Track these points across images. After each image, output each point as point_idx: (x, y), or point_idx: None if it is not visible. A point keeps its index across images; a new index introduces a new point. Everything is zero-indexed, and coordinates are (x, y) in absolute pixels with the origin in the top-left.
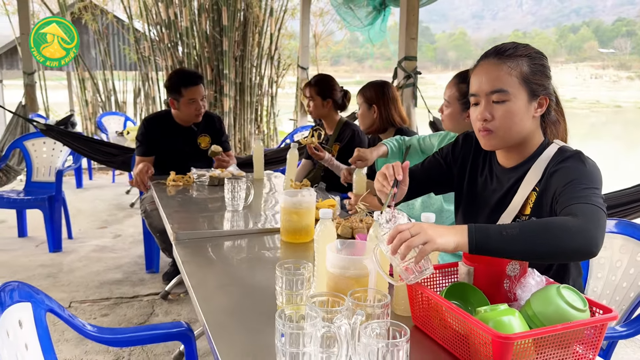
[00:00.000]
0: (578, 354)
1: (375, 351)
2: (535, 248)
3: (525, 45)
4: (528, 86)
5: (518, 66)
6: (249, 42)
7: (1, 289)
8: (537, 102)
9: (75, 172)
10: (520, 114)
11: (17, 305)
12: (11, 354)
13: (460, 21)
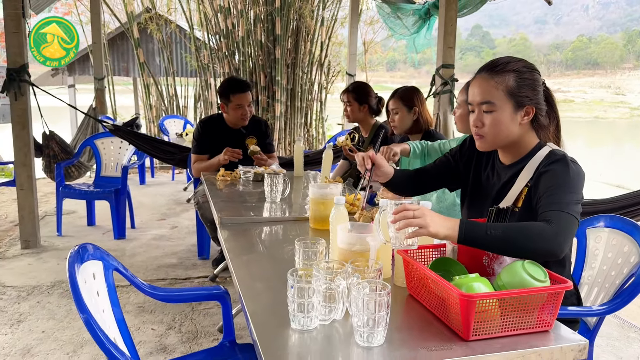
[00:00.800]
0: (539, 319)
1: (361, 300)
2: (512, 248)
3: (517, 60)
4: (514, 98)
5: (505, 81)
6: (301, 50)
7: (80, 247)
8: (523, 111)
9: (139, 169)
10: (506, 122)
11: (91, 262)
12: (87, 296)
13: (521, 26)
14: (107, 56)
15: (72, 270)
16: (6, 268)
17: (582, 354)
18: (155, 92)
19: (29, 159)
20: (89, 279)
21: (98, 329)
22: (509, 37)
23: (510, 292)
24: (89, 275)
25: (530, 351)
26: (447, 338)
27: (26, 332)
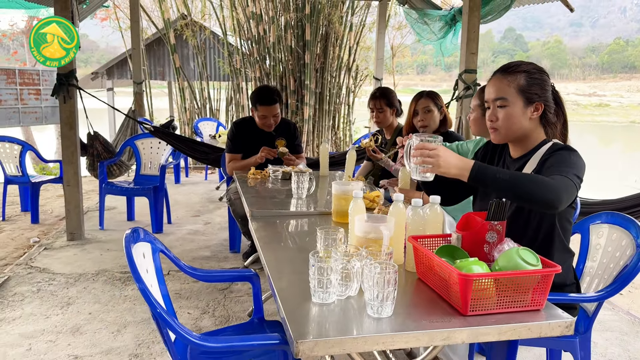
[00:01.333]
0: (532, 299)
1: (372, 277)
2: (517, 190)
3: (528, 63)
4: (524, 95)
5: (516, 80)
6: (329, 54)
7: (133, 230)
8: (533, 107)
9: (174, 170)
10: (517, 116)
11: (141, 243)
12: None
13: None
14: (145, 61)
15: (128, 248)
16: (54, 258)
17: (569, 330)
18: (190, 95)
19: (75, 157)
20: (139, 257)
21: (151, 297)
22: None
23: (502, 273)
24: (140, 255)
25: (520, 325)
26: (448, 313)
27: (75, 314)
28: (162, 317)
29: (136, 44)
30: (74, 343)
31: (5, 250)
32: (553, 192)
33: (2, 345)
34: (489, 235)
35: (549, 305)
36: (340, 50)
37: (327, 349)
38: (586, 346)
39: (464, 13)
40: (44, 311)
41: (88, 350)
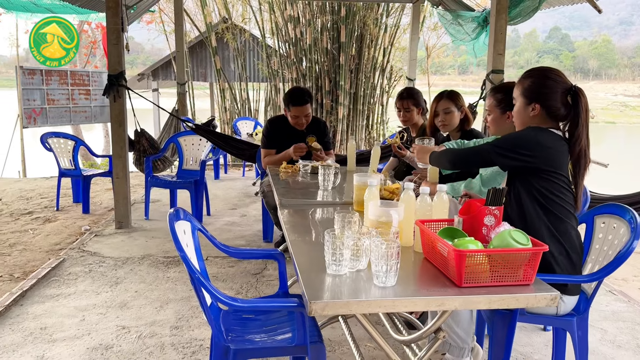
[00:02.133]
0: (523, 275)
1: (378, 251)
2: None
3: (538, 71)
4: (525, 97)
5: (522, 84)
6: (364, 56)
7: (176, 210)
8: (531, 107)
9: (214, 166)
10: (520, 112)
11: (182, 221)
12: (183, 244)
13: (604, 27)
14: (187, 63)
15: (171, 222)
16: (104, 243)
17: (554, 302)
18: (230, 96)
19: (124, 152)
20: (180, 233)
21: (190, 262)
22: (590, 40)
23: (493, 250)
24: (181, 231)
25: (509, 296)
26: (446, 285)
27: (122, 291)
28: (199, 279)
29: (180, 47)
30: (121, 316)
31: (60, 236)
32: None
33: (60, 315)
34: (487, 219)
35: (538, 281)
36: (374, 51)
37: (336, 309)
38: (583, 326)
39: (491, 15)
40: (95, 288)
41: (134, 322)
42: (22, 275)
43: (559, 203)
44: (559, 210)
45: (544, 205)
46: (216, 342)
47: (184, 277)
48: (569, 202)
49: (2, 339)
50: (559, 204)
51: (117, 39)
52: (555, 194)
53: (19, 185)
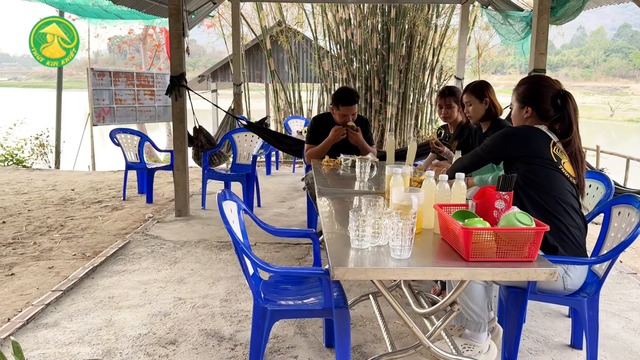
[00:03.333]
0: (526, 251)
1: (394, 227)
2: None
3: (530, 79)
4: (519, 101)
5: (517, 91)
6: (414, 56)
7: (224, 191)
8: (524, 109)
9: (265, 162)
10: (516, 115)
11: (229, 201)
12: (231, 222)
13: None
14: (244, 65)
15: (220, 200)
16: (165, 229)
17: (553, 276)
18: (283, 96)
19: (184, 147)
20: (227, 211)
21: (234, 234)
22: None
23: (496, 228)
24: (228, 210)
25: (511, 270)
26: (455, 259)
27: (180, 269)
28: (242, 248)
29: (236, 50)
30: (178, 289)
31: (126, 222)
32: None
33: (125, 287)
34: (497, 203)
35: (541, 259)
36: (424, 51)
37: (355, 275)
38: (594, 306)
39: (533, 15)
40: (156, 266)
41: (189, 295)
42: (93, 254)
43: (542, 183)
44: (547, 189)
45: (531, 187)
46: (256, 304)
47: (234, 259)
48: (560, 184)
49: (77, 304)
50: (543, 184)
51: (179, 43)
52: (540, 175)
53: (89, 177)
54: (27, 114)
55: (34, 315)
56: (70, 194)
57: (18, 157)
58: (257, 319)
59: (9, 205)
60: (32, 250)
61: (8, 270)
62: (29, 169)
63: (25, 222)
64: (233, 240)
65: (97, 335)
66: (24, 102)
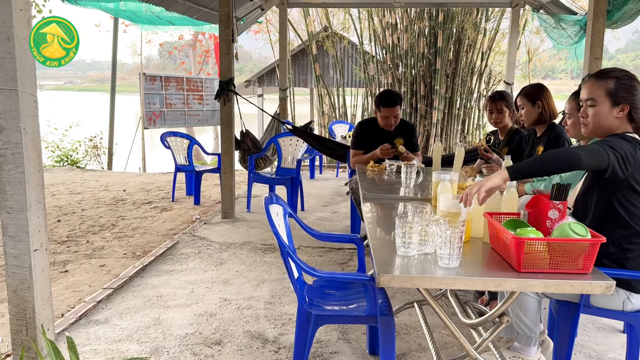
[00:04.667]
0: (581, 263)
1: (442, 235)
2: (546, 167)
3: (620, 70)
4: (611, 97)
5: (606, 84)
6: (461, 60)
7: (271, 195)
8: (619, 107)
9: (310, 166)
10: (604, 114)
11: (275, 205)
12: (276, 223)
13: None
14: (289, 70)
15: (267, 204)
16: (211, 230)
17: (609, 290)
18: (328, 101)
19: (231, 150)
20: (274, 215)
21: (280, 237)
22: None
23: (549, 238)
24: (274, 213)
25: (564, 282)
26: (505, 269)
27: (225, 271)
28: (287, 251)
29: (283, 55)
30: (224, 290)
31: (174, 223)
32: (572, 156)
33: (173, 287)
34: (551, 213)
35: (597, 272)
36: (472, 55)
37: (401, 283)
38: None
39: (588, 19)
40: (203, 267)
41: (234, 296)
42: (142, 253)
43: (622, 198)
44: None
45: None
46: (300, 307)
47: (278, 262)
48: None
49: (127, 302)
50: (622, 200)
51: (228, 49)
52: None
53: (140, 179)
54: (81, 117)
55: (86, 311)
56: (122, 194)
57: (73, 158)
58: (301, 323)
59: (63, 205)
60: (85, 249)
61: (62, 267)
62: (83, 170)
63: (78, 221)
64: (279, 243)
65: (145, 333)
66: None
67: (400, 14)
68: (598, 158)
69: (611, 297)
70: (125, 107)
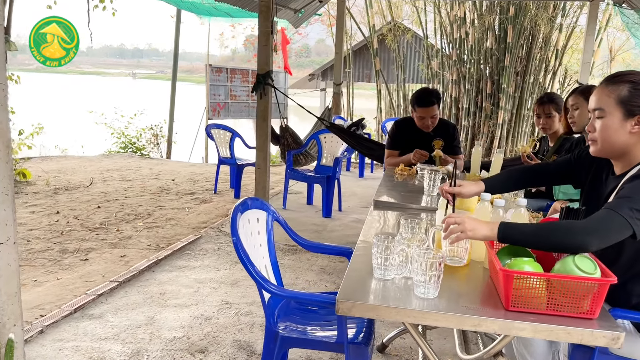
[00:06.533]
0: (587, 305)
1: (418, 261)
2: (541, 242)
3: (637, 73)
4: (624, 107)
5: (617, 90)
6: (533, 57)
7: (245, 200)
8: (634, 120)
9: (359, 165)
10: (614, 128)
11: (252, 211)
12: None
13: None
14: (351, 64)
15: (235, 214)
16: None
17: (615, 343)
18: (388, 97)
19: (265, 145)
20: (252, 220)
21: (241, 249)
22: None
23: (541, 274)
24: (254, 218)
25: (559, 328)
26: (495, 306)
27: (237, 271)
28: (244, 263)
29: (339, 49)
30: (229, 292)
31: (209, 216)
32: (578, 236)
33: (180, 284)
34: None
35: (606, 317)
36: (546, 52)
37: (363, 312)
38: None
39: None
40: (217, 265)
41: (237, 299)
42: (166, 246)
43: None
44: None
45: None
46: (268, 327)
47: (295, 265)
48: None
49: (127, 298)
50: None
51: (267, 41)
52: None
53: (191, 169)
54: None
55: (83, 304)
56: (169, 184)
57: (137, 145)
58: (267, 343)
59: (110, 191)
60: (113, 237)
61: (84, 255)
62: (142, 157)
63: (117, 209)
64: (237, 254)
65: (133, 333)
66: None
67: (470, 6)
68: (613, 234)
69: (634, 343)
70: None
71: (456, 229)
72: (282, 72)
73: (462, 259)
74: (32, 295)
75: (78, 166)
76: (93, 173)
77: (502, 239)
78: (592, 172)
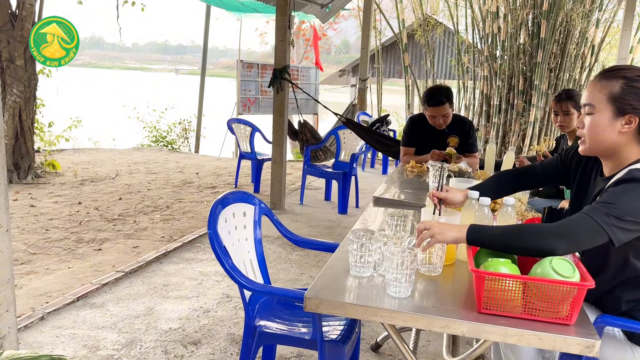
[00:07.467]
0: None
1: (390, 258)
2: (509, 244)
3: (634, 69)
4: (615, 104)
5: (609, 86)
6: (568, 53)
7: (226, 194)
8: (624, 119)
9: (383, 161)
10: (603, 126)
11: (240, 204)
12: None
13: None
14: (380, 60)
15: (215, 205)
16: None
17: (590, 351)
18: (416, 93)
19: (282, 140)
20: (238, 215)
21: (217, 242)
22: None
23: (513, 275)
24: (240, 213)
25: (531, 333)
26: (466, 307)
27: None
28: (219, 257)
29: (365, 45)
30: (232, 285)
31: None
32: (546, 240)
33: (184, 277)
34: None
35: (585, 323)
36: (582, 48)
37: (330, 310)
38: None
39: None
40: None
41: (239, 293)
42: (179, 238)
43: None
44: None
45: (623, 253)
46: (246, 321)
47: (303, 260)
48: None
49: (131, 288)
50: None
51: (284, 36)
52: None
53: (216, 163)
54: (180, 100)
55: (86, 293)
56: (192, 177)
57: (167, 139)
58: (246, 337)
59: (134, 183)
60: (129, 229)
61: (98, 245)
62: (170, 151)
63: (137, 201)
64: (212, 248)
65: (131, 323)
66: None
67: (503, 1)
68: (583, 240)
69: (624, 352)
70: (232, 92)
71: (426, 235)
72: (313, 68)
73: (437, 267)
74: (42, 282)
75: (108, 159)
76: (121, 165)
77: (471, 242)
78: (579, 173)
